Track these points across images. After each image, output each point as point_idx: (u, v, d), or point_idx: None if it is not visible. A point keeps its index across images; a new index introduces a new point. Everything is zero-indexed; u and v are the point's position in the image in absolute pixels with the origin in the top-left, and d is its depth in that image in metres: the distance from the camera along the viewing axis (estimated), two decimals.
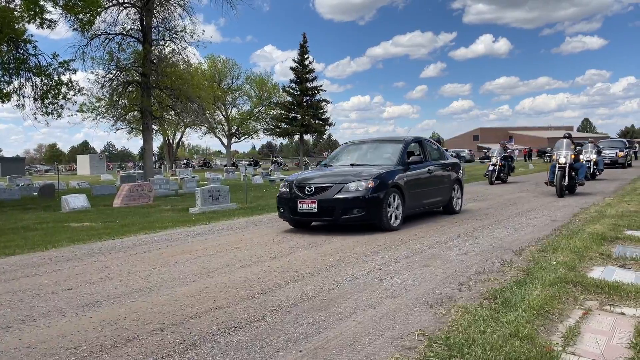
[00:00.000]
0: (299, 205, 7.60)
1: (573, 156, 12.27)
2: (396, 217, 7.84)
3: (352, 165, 8.64)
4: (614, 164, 27.73)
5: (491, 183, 17.72)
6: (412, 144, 9.32)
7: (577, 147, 12.39)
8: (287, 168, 51.90)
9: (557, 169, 12.28)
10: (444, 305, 3.86)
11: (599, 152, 18.91)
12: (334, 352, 3.02)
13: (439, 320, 3.53)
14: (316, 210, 7.47)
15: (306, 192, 7.65)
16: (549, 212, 9.54)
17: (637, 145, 40.78)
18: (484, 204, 11.38)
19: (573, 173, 12.43)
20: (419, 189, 8.53)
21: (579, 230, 6.87)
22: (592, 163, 17.75)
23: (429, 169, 8.91)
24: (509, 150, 19.67)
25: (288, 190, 7.99)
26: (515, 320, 3.31)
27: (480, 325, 3.27)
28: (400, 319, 3.60)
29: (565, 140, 12.74)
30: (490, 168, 18.21)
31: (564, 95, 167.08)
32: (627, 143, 31.35)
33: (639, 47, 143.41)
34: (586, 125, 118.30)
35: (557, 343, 3.05)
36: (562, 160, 12.16)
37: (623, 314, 3.59)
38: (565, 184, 12.19)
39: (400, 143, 9.01)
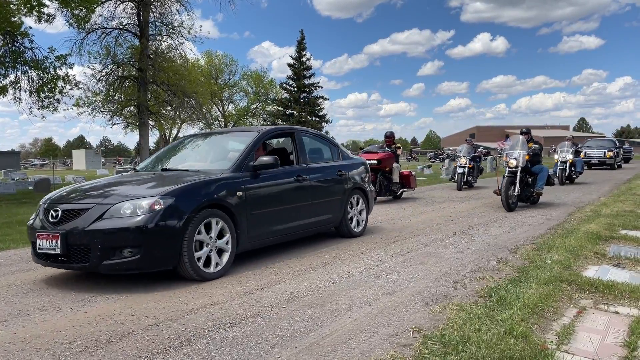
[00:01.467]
0: (38, 241, 4.65)
1: (528, 157, 9.60)
2: (219, 257, 4.89)
3: (164, 170, 5.74)
4: (601, 165, 25.98)
5: (459, 189, 14.62)
6: (275, 139, 7.02)
7: (534, 146, 9.84)
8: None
9: (505, 174, 9.70)
10: (439, 303, 3.87)
11: (577, 152, 16.73)
12: (329, 349, 3.02)
13: (434, 317, 3.55)
14: (59, 250, 4.47)
15: (50, 220, 4.67)
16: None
17: (628, 146, 38.84)
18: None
19: (530, 179, 9.92)
20: (276, 206, 5.69)
21: (574, 229, 6.90)
22: (567, 164, 15.89)
23: (298, 177, 6.01)
24: (479, 150, 17.22)
25: (35, 215, 5.07)
26: (510, 319, 3.33)
27: (475, 323, 3.28)
28: (395, 316, 3.61)
29: (520, 137, 10.07)
30: (459, 170, 14.89)
31: (560, 95, 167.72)
32: (617, 143, 29.11)
33: (636, 47, 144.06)
34: (582, 125, 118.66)
35: (552, 341, 3.06)
36: (513, 162, 9.51)
37: (617, 313, 3.61)
38: (517, 193, 9.49)
39: (250, 137, 5.98)
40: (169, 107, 27.34)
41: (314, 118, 56.59)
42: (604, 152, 25.70)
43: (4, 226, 9.03)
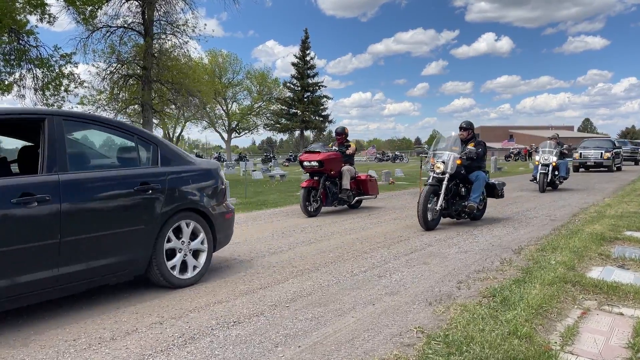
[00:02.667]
0: None
1: (459, 162, 7.67)
2: None
3: None
4: (598, 167, 23.81)
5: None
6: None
7: (469, 148, 7.94)
8: (287, 164, 51.81)
9: (427, 181, 7.86)
10: (442, 303, 3.87)
11: (562, 154, 13.96)
12: (332, 348, 3.03)
13: (437, 317, 3.54)
14: None
15: None
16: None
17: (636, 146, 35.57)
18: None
19: (463, 190, 8.05)
20: None
21: (578, 230, 6.88)
22: (550, 168, 13.24)
23: (28, 196, 3.45)
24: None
25: None
26: (513, 319, 3.32)
27: (479, 324, 3.28)
28: (399, 316, 3.61)
29: (453, 134, 8.51)
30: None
31: (565, 95, 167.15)
32: (616, 143, 26.51)
33: None
34: (587, 126, 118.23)
35: (556, 342, 3.05)
36: (440, 167, 7.62)
37: (621, 314, 3.60)
38: (439, 207, 7.52)
39: None
40: (173, 106, 27.40)
41: (317, 117, 56.64)
42: (601, 153, 23.60)
43: None
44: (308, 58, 56.32)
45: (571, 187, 14.60)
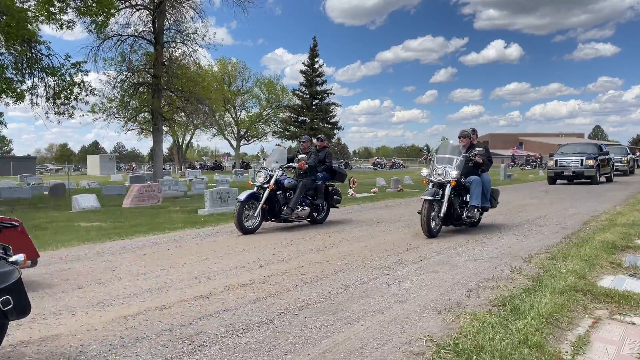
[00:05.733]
0: None
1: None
2: None
3: None
4: (578, 178, 19.16)
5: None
6: None
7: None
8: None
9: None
10: (452, 312, 3.85)
11: (477, 164, 8.00)
12: (342, 356, 3.02)
13: (447, 326, 3.53)
14: None
15: None
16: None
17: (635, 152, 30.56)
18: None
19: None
20: None
21: (589, 239, 6.82)
22: (446, 191, 7.47)
23: None
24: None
25: None
26: (524, 328, 3.30)
27: (489, 332, 3.26)
28: (408, 324, 3.60)
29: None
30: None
31: (575, 102, 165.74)
32: (603, 148, 21.80)
33: None
34: (597, 133, 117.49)
35: (567, 352, 3.03)
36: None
37: (633, 323, 3.56)
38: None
39: None
40: (183, 114, 27.61)
41: (326, 124, 56.68)
42: (582, 160, 19.16)
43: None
44: (317, 66, 56.40)
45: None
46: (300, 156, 9.07)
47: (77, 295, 4.54)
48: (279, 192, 8.50)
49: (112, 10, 18.74)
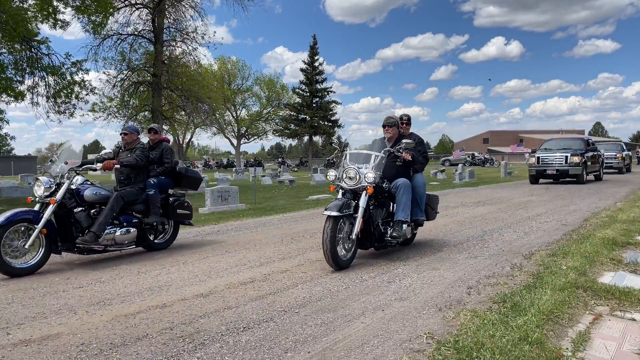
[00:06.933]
0: None
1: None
2: None
3: None
4: (563, 177, 17.54)
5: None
6: None
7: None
8: (296, 169, 51.90)
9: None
10: (452, 309, 3.85)
11: (407, 163, 5.92)
12: (342, 354, 3.02)
13: (447, 323, 3.53)
14: None
15: None
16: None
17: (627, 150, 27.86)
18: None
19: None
20: None
21: (589, 235, 6.82)
22: (362, 201, 5.31)
23: None
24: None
25: None
26: (524, 325, 3.30)
27: (490, 329, 3.26)
28: (408, 321, 3.60)
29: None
30: None
31: (575, 99, 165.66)
32: (591, 143, 19.73)
33: None
34: (598, 129, 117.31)
35: (567, 348, 3.03)
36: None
37: (634, 320, 3.56)
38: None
39: None
40: (183, 112, 27.64)
41: (326, 123, 56.65)
42: (566, 157, 17.41)
43: None
44: (317, 64, 56.38)
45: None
46: (123, 154, 6.64)
47: (78, 294, 4.54)
48: (78, 210, 5.89)
49: (110, 10, 18.71)
